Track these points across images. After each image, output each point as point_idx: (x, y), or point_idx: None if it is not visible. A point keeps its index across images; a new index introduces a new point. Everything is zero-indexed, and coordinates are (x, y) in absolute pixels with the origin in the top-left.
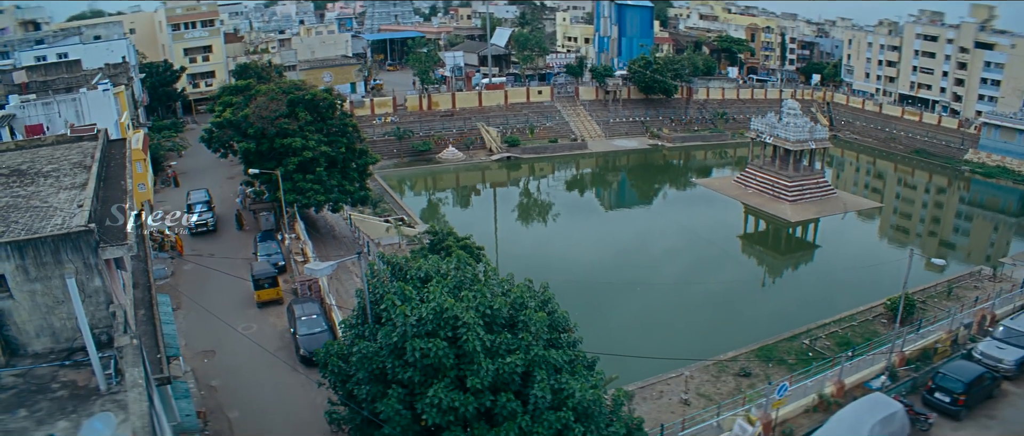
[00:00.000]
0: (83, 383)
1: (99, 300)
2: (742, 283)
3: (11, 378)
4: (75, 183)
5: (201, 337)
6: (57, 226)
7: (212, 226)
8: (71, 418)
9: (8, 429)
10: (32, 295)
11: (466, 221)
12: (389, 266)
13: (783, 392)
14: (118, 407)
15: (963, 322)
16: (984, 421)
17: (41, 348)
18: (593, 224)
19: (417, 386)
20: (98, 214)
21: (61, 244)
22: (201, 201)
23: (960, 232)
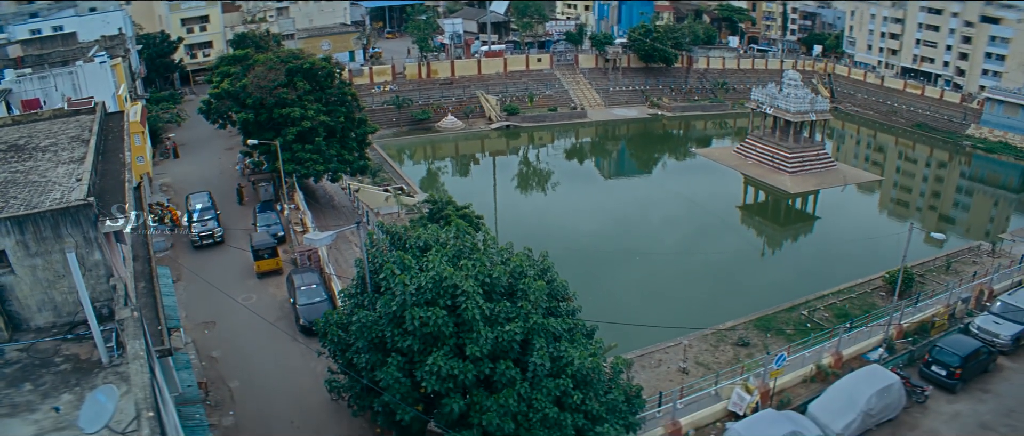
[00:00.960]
0: (85, 356)
1: (99, 273)
2: (741, 253)
3: (15, 353)
4: (73, 157)
5: (201, 308)
6: (56, 201)
7: (219, 237)
8: (74, 391)
9: (14, 403)
10: (33, 270)
11: (465, 190)
12: (388, 235)
13: (781, 362)
14: (120, 379)
15: (961, 297)
16: (979, 395)
17: (43, 322)
18: (592, 193)
19: (416, 354)
20: (97, 188)
21: (61, 218)
22: (204, 206)
23: (960, 207)
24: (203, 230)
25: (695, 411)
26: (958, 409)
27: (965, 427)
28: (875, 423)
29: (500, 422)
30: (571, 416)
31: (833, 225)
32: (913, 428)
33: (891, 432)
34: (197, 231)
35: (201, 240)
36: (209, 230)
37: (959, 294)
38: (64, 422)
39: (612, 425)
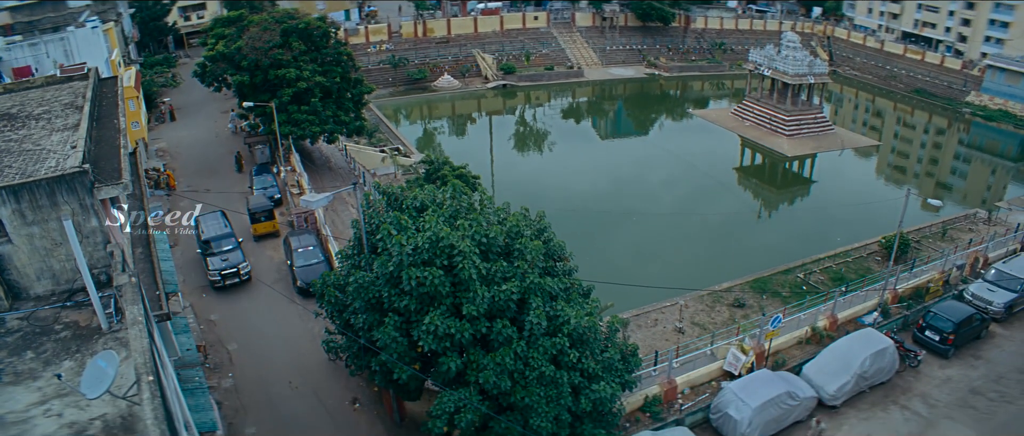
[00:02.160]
0: (85, 323)
1: (97, 240)
2: (738, 215)
3: (16, 321)
4: (67, 124)
5: (199, 272)
6: (51, 168)
7: (246, 273)
8: (75, 357)
9: (17, 371)
10: (30, 238)
11: (462, 150)
12: (385, 196)
13: (777, 324)
14: (120, 345)
15: (956, 263)
16: (971, 360)
17: (42, 290)
18: (589, 153)
19: (413, 314)
20: (92, 154)
21: (56, 186)
22: (221, 233)
23: (957, 174)
24: (226, 267)
25: (691, 370)
26: (950, 374)
27: (956, 391)
28: (868, 385)
29: (497, 380)
30: (567, 374)
31: (830, 189)
32: (906, 391)
33: (884, 395)
34: (217, 268)
35: (224, 280)
36: (233, 266)
37: (954, 261)
38: (66, 388)
39: (608, 383)
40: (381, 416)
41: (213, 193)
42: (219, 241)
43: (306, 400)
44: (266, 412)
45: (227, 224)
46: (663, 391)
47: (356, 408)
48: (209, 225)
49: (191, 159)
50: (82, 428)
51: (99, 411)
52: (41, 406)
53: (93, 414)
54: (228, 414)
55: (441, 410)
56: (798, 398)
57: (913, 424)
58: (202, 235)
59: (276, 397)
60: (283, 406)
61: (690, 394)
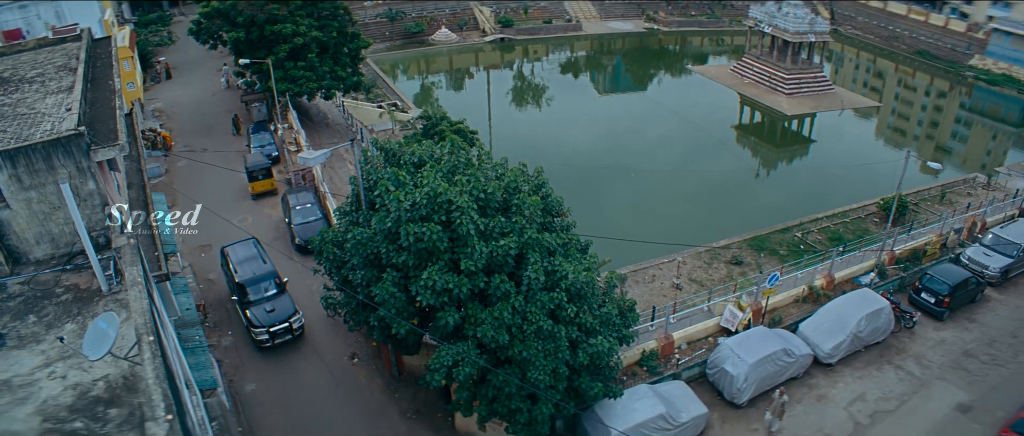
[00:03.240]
0: (85, 286)
1: (94, 203)
2: (736, 173)
3: (17, 286)
4: (62, 87)
5: (197, 233)
6: (47, 132)
7: (299, 328)
8: (77, 320)
9: (21, 335)
10: (28, 203)
11: (460, 105)
12: (382, 152)
13: (774, 281)
14: (120, 306)
15: (954, 227)
16: (965, 323)
17: (42, 255)
18: (587, 109)
19: (411, 269)
20: (88, 117)
21: (52, 150)
22: (262, 274)
23: (958, 138)
24: (274, 321)
25: (688, 326)
26: (944, 336)
27: (949, 353)
28: (863, 345)
29: (495, 334)
30: (565, 328)
31: (829, 149)
32: (900, 352)
33: (879, 355)
34: (262, 322)
35: (272, 338)
36: (283, 319)
37: (952, 224)
38: (69, 351)
39: (605, 337)
40: (380, 370)
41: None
42: (258, 284)
43: (305, 356)
44: (266, 369)
45: (263, 256)
46: (660, 346)
47: (355, 363)
48: (242, 262)
49: (188, 119)
50: (86, 389)
51: (102, 372)
52: (45, 369)
53: (96, 375)
54: (228, 372)
55: (439, 364)
56: (794, 355)
57: (907, 384)
58: (235, 275)
59: (276, 354)
60: (283, 362)
61: (687, 349)
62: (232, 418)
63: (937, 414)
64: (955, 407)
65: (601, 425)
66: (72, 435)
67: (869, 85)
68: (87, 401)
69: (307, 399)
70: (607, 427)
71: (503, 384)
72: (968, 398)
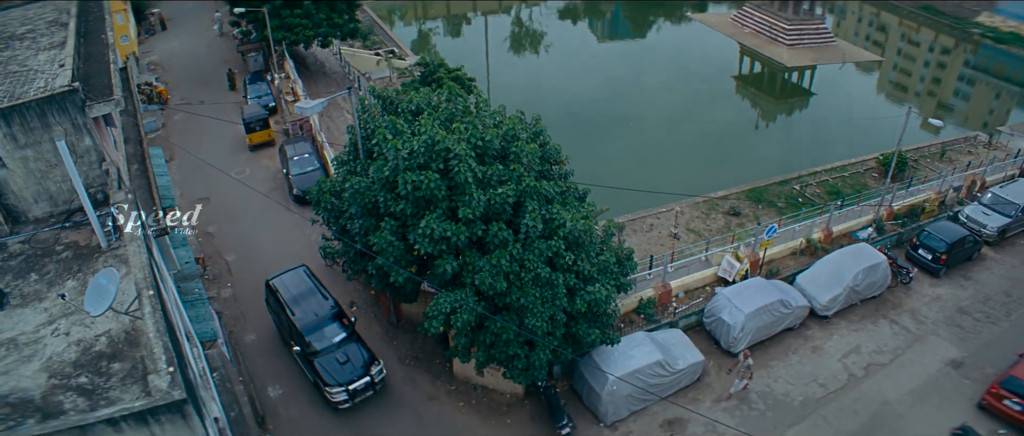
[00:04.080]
0: (85, 242)
1: (91, 159)
2: (735, 124)
3: (17, 245)
4: (53, 42)
5: (196, 186)
6: (40, 89)
7: (380, 381)
8: (78, 277)
9: (24, 293)
10: (25, 162)
11: (457, 52)
12: (380, 100)
13: (772, 233)
14: (120, 262)
15: (953, 184)
16: (961, 281)
17: (41, 213)
18: (586, 56)
19: (409, 218)
20: (81, 72)
21: (46, 107)
22: (325, 315)
23: (960, 96)
24: (350, 374)
25: (685, 275)
26: (940, 293)
27: (944, 310)
28: (859, 299)
29: (492, 281)
30: (563, 276)
31: (829, 102)
32: (896, 307)
33: (875, 308)
34: (337, 379)
35: (351, 397)
36: (361, 373)
37: (951, 182)
38: (71, 307)
39: (603, 285)
40: (378, 318)
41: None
42: (322, 330)
43: None
44: (265, 320)
45: (321, 290)
46: (658, 294)
47: (354, 311)
48: (298, 299)
49: (184, 71)
50: (89, 345)
51: (104, 327)
52: (49, 326)
53: (98, 331)
54: (228, 323)
55: (437, 311)
56: (791, 306)
57: (901, 338)
58: (290, 317)
59: None
60: None
61: (684, 298)
62: (233, 368)
63: (930, 369)
64: (947, 363)
65: (598, 371)
66: (78, 390)
67: (871, 39)
68: (91, 356)
69: None
70: (604, 373)
71: (501, 331)
72: (960, 354)
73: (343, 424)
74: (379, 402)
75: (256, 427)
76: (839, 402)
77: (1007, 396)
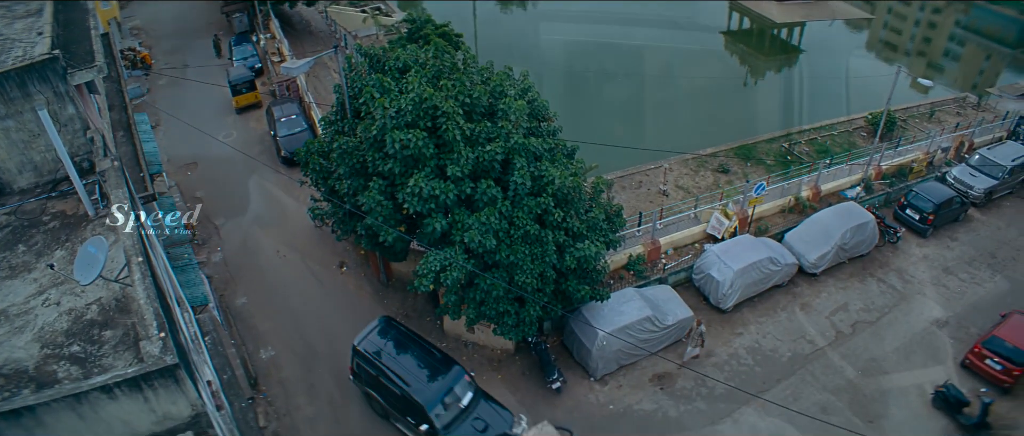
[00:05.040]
0: (71, 212)
1: (75, 128)
2: (723, 81)
3: (3, 216)
4: (29, 10)
5: (183, 151)
6: (19, 58)
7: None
8: (66, 246)
9: (12, 264)
10: (7, 132)
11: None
12: (367, 58)
13: (760, 191)
14: (108, 230)
15: (941, 145)
16: (947, 241)
17: (26, 184)
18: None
19: (398, 177)
20: (61, 39)
21: (26, 76)
22: (449, 379)
23: (950, 56)
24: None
25: (674, 232)
26: (926, 252)
27: (930, 270)
28: (847, 257)
29: (482, 239)
30: (552, 233)
31: (818, 60)
32: (883, 266)
33: (862, 267)
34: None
35: None
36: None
37: (940, 143)
38: (60, 277)
39: (592, 242)
40: (368, 277)
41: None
42: (446, 397)
43: (294, 267)
44: (256, 282)
45: (428, 345)
46: (647, 251)
47: (344, 271)
48: (405, 364)
49: (168, 35)
50: (80, 313)
51: (94, 296)
52: (40, 296)
53: (89, 299)
54: (219, 287)
55: (427, 269)
56: (779, 264)
57: (888, 297)
58: (410, 392)
59: (265, 267)
60: (272, 275)
61: (673, 255)
62: (225, 331)
63: (915, 327)
64: (933, 322)
65: (588, 327)
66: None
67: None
68: (82, 325)
69: (297, 310)
70: (594, 329)
71: (491, 288)
72: (945, 314)
73: None
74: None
75: (249, 389)
76: (827, 358)
77: (989, 356)
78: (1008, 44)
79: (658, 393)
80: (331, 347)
